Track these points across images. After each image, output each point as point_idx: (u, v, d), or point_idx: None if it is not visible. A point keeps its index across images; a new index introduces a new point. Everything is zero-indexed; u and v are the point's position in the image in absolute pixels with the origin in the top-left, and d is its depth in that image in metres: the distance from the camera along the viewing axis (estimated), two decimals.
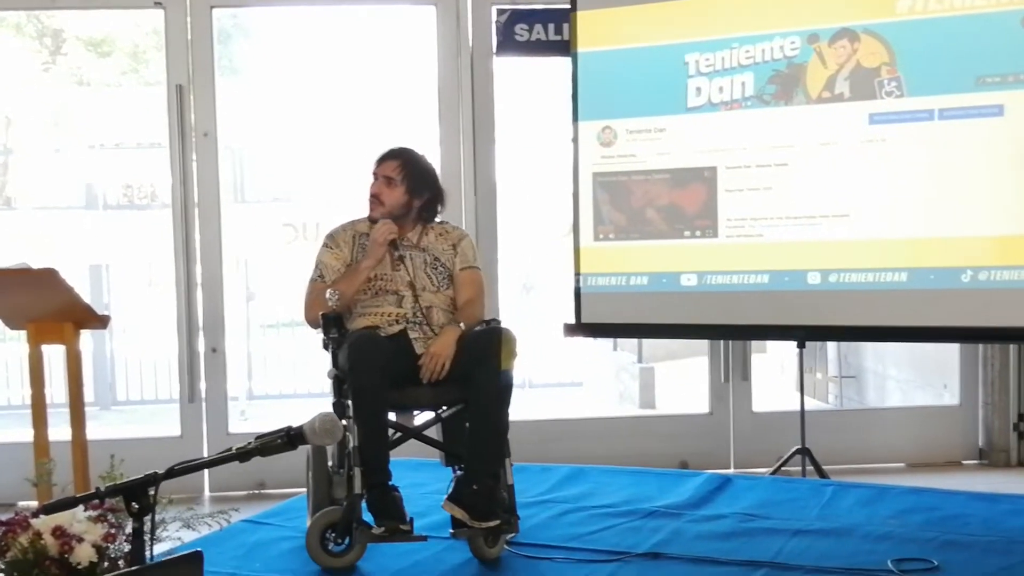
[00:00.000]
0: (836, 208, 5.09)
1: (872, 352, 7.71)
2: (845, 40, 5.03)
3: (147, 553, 2.21)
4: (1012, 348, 5.93)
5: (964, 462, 6.08)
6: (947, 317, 4.93)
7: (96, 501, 2.76)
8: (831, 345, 7.93)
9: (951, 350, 6.20)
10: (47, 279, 4.04)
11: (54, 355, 4.34)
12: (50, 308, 4.09)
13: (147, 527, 2.23)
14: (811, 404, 6.57)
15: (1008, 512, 4.41)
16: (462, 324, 4.13)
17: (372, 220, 4.21)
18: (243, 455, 2.34)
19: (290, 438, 2.39)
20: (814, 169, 5.12)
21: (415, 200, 4.24)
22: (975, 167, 4.85)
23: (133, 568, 2.07)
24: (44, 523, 2.72)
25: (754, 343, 6.19)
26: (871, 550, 3.90)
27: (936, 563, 3.71)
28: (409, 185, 4.21)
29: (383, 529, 3.73)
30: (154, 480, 2.19)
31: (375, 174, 4.23)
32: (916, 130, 4.91)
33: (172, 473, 2.24)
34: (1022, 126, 4.75)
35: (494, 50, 5.91)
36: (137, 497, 2.18)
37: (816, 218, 5.13)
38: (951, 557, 3.78)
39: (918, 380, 7.03)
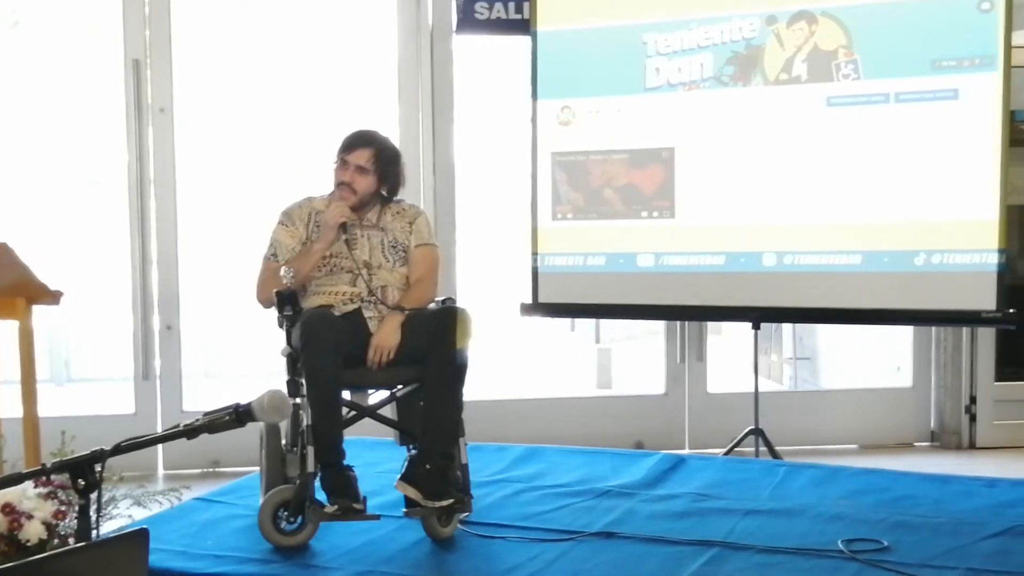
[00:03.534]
0: (792, 190, 5.12)
1: (827, 334, 7.76)
2: (803, 22, 5.05)
3: (94, 530, 2.18)
4: (964, 331, 6.00)
5: (916, 444, 6.15)
6: (901, 299, 4.99)
7: (46, 478, 2.74)
8: (786, 327, 7.98)
9: (905, 332, 6.26)
10: None
11: (7, 331, 4.28)
12: (1, 284, 4.03)
13: (94, 504, 2.20)
14: (766, 385, 6.62)
15: (958, 494, 4.45)
16: (405, 305, 4.11)
17: (354, 208, 4.17)
18: (190, 432, 2.31)
19: (238, 415, 2.36)
20: (771, 151, 5.15)
21: (383, 186, 4.23)
22: (930, 150, 4.91)
23: (76, 545, 2.05)
24: None
25: (710, 324, 6.22)
26: (822, 530, 3.93)
27: (886, 543, 3.73)
28: (380, 173, 4.18)
29: (336, 508, 3.71)
30: (100, 456, 2.16)
31: (345, 160, 4.16)
32: (872, 113, 4.96)
33: (119, 450, 2.21)
34: (976, 110, 4.80)
35: (454, 28, 5.88)
36: (84, 474, 2.15)
37: (772, 200, 5.16)
38: (901, 538, 3.81)
39: (872, 362, 7.08)
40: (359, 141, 4.18)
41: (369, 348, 3.99)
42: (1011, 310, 4.87)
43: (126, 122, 5.68)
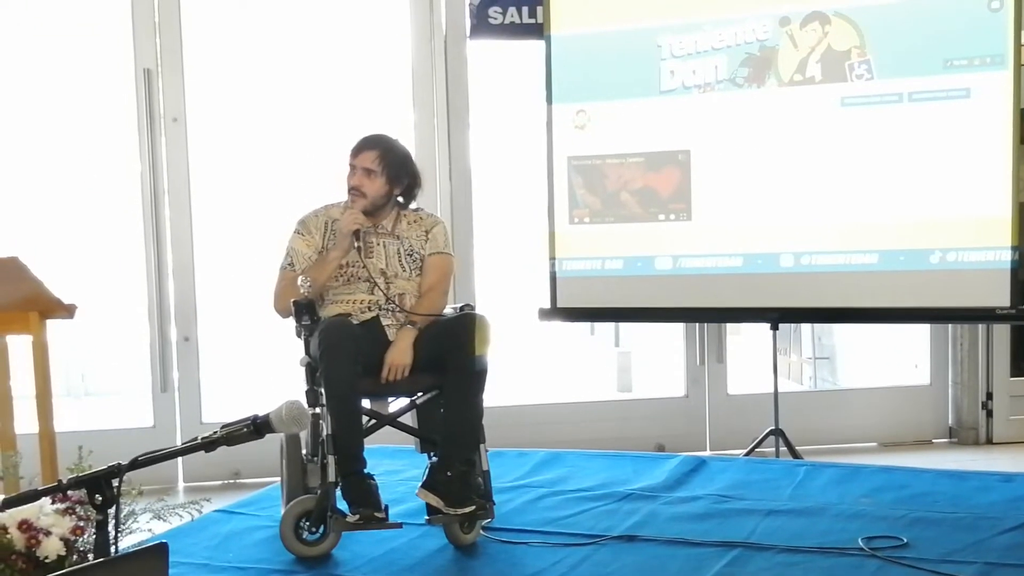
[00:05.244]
0: (808, 191, 5.11)
1: (845, 333, 7.74)
2: (816, 23, 5.04)
3: (113, 546, 2.19)
4: (980, 328, 5.99)
5: (934, 440, 6.14)
6: (917, 298, 4.98)
7: (63, 494, 2.74)
8: (805, 327, 7.96)
9: (922, 330, 6.25)
10: (10, 268, 3.97)
11: (22, 346, 4.27)
12: (14, 298, 4.01)
13: (113, 519, 2.20)
14: (786, 386, 6.59)
15: (975, 489, 4.47)
16: (415, 318, 4.10)
17: (367, 213, 4.17)
18: (208, 444, 2.31)
19: (256, 427, 2.36)
20: (786, 152, 5.14)
21: (395, 189, 4.22)
22: (943, 149, 4.90)
23: (95, 561, 2.05)
24: (10, 517, 2.70)
25: (729, 326, 6.20)
26: (843, 529, 3.94)
27: (905, 540, 3.75)
28: (389, 175, 4.17)
29: (358, 517, 3.71)
30: (118, 471, 2.16)
31: (353, 165, 4.17)
32: (886, 113, 4.95)
33: (136, 464, 2.21)
34: (988, 108, 4.79)
35: (468, 33, 5.88)
36: (101, 489, 2.15)
37: (788, 201, 5.15)
38: (920, 534, 3.83)
39: (890, 360, 7.06)
40: (364, 144, 4.19)
41: (383, 367, 3.99)
42: None
43: (138, 132, 5.66)
